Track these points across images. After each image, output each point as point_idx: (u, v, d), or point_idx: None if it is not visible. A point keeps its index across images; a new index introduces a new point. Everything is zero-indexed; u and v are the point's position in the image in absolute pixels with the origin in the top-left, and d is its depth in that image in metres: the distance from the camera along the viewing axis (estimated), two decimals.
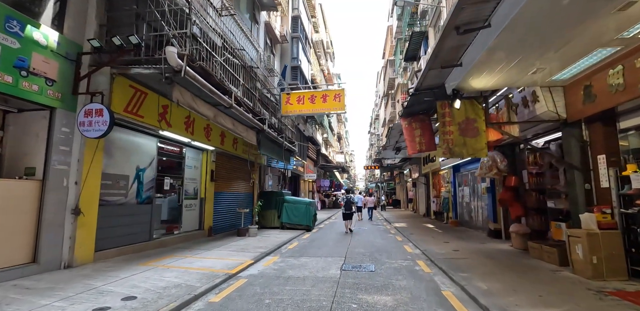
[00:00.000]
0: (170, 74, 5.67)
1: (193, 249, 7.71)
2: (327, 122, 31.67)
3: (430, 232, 11.79)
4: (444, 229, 12.54)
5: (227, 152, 11.20)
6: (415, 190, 24.29)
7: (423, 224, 15.15)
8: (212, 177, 10.54)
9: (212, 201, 10.56)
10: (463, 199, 13.69)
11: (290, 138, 14.22)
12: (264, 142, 10.99)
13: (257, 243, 8.94)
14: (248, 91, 10.16)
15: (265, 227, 12.76)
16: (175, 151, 9.14)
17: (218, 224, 10.90)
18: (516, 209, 7.96)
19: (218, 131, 10.13)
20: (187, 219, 9.51)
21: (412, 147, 9.23)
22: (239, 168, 12.43)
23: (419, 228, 13.43)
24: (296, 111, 12.32)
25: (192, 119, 8.69)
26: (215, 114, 7.53)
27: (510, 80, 5.58)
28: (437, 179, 18.74)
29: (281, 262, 6.67)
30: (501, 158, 8.19)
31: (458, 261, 6.49)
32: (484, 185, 11.28)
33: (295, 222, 12.41)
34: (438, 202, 16.88)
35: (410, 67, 19.01)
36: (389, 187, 41.09)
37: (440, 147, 6.34)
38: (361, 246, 8.73)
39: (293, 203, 12.61)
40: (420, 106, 8.81)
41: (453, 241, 9.26)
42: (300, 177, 24.76)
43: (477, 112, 6.17)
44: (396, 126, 11.12)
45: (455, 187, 14.51)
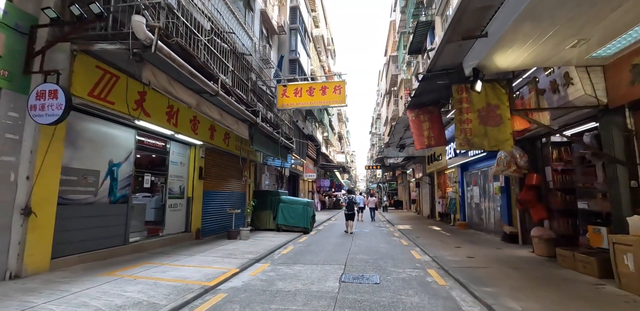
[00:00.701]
0: (138, 50, 4.79)
1: (174, 254, 6.83)
2: (328, 121, 30.79)
3: (437, 235, 10.88)
4: (452, 232, 11.62)
5: (218, 148, 10.32)
6: (419, 191, 23.37)
7: (428, 226, 14.23)
8: (201, 174, 9.66)
9: (200, 201, 9.68)
10: (472, 199, 12.77)
11: (287, 134, 13.34)
12: (258, 137, 10.10)
13: (248, 247, 8.05)
14: (240, 81, 9.28)
15: (259, 229, 11.88)
16: (158, 145, 8.26)
17: (207, 226, 10.02)
18: (538, 211, 7.05)
19: (207, 124, 9.26)
20: (172, 220, 8.63)
21: (420, 142, 8.34)
22: (231, 166, 11.55)
23: (425, 230, 12.52)
24: (293, 104, 11.43)
25: (176, 109, 7.82)
26: (199, 102, 6.66)
27: (541, 57, 4.68)
28: (442, 178, 17.83)
29: (271, 271, 5.78)
30: (521, 153, 7.29)
31: (476, 271, 5.58)
32: (496, 185, 10.37)
33: (292, 224, 11.52)
34: (444, 203, 15.97)
35: (415, 61, 18.13)
36: (390, 187, 40.15)
37: (457, 138, 5.44)
38: (363, 252, 7.83)
39: (289, 203, 11.71)
40: (429, 96, 7.92)
41: (465, 246, 8.35)
42: (300, 176, 23.87)
43: (500, 97, 5.27)
44: (401, 120, 10.23)
45: (463, 187, 13.60)
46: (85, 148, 6.01)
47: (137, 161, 7.40)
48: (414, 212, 25.34)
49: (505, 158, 7.35)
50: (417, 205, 24.54)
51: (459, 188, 13.81)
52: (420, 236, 10.62)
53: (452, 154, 13.15)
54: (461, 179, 13.65)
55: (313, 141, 26.26)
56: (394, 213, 25.06)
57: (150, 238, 7.76)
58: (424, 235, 10.83)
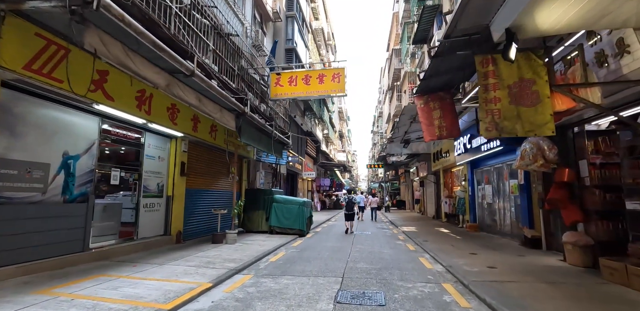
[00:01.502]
0: (78, 7, 3.75)
1: (142, 263, 5.79)
2: (328, 117, 29.74)
3: (447, 239, 9.81)
4: (463, 235, 10.54)
5: (203, 142, 9.28)
6: (423, 190, 22.29)
7: (435, 228, 13.16)
8: (183, 171, 8.62)
9: (182, 200, 8.64)
10: (483, 199, 11.69)
11: (282, 128, 12.30)
12: (247, 129, 9.05)
13: (232, 253, 7.01)
14: (226, 65, 8.24)
15: (251, 231, 10.84)
16: (130, 136, 7.22)
17: (190, 229, 8.98)
18: (571, 213, 5.98)
19: (189, 114, 8.22)
20: (147, 222, 7.59)
21: (430, 133, 7.27)
22: (219, 161, 10.51)
23: (432, 233, 11.45)
24: (287, 93, 10.39)
25: (149, 94, 6.78)
26: (170, 83, 5.61)
27: (592, 15, 3.61)
28: (449, 177, 16.74)
29: (252, 285, 4.73)
30: (549, 145, 6.21)
31: (504, 287, 4.52)
32: (513, 182, 9.29)
33: (286, 226, 10.47)
34: (451, 203, 14.89)
35: (419, 52, 17.04)
36: (392, 187, 39.05)
37: (482, 121, 4.37)
38: (365, 259, 6.77)
39: (283, 203, 10.67)
40: (440, 79, 6.85)
41: (481, 253, 7.28)
42: (298, 175, 22.83)
43: (536, 70, 4.20)
44: (407, 110, 9.17)
45: (473, 185, 12.52)
46: (28, 136, 4.97)
47: (102, 154, 6.37)
48: (417, 212, 24.26)
49: (530, 150, 6.28)
50: (421, 205, 23.46)
51: (469, 187, 12.73)
52: (428, 239, 9.55)
53: (462, 149, 12.08)
54: (471, 177, 12.57)
55: (312, 138, 25.21)
56: (397, 213, 23.99)
57: (120, 243, 6.72)
58: (432, 239, 9.76)
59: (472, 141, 10.95)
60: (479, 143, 10.25)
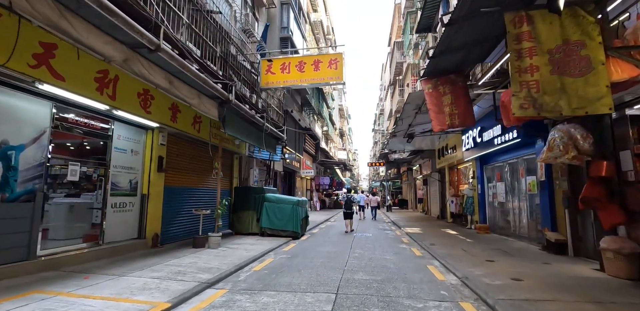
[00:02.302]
0: None
1: (96, 274, 4.84)
2: (327, 114, 28.78)
3: (456, 242, 8.84)
4: (473, 238, 9.57)
5: (185, 134, 8.33)
6: (427, 189, 21.30)
7: (441, 229, 12.19)
8: (161, 166, 7.68)
9: (160, 199, 7.70)
10: (495, 198, 10.71)
11: (275, 121, 11.34)
12: (233, 119, 8.11)
13: (211, 260, 6.06)
14: (206, 46, 7.29)
15: (240, 233, 9.90)
16: (94, 125, 6.27)
17: (170, 231, 8.04)
18: (611, 214, 5.00)
19: (166, 101, 7.27)
20: (116, 224, 6.66)
21: (439, 122, 6.31)
22: (205, 157, 9.55)
23: (439, 235, 10.48)
24: (280, 82, 9.43)
25: (114, 76, 5.83)
26: (128, 58, 4.65)
27: None
28: (455, 175, 15.76)
29: (222, 306, 3.77)
30: (583, 133, 5.24)
31: (540, 308, 3.55)
32: (531, 179, 8.31)
33: (279, 227, 9.52)
34: (458, 202, 13.91)
35: (424, 41, 16.05)
36: (394, 186, 38.07)
37: (515, 97, 3.42)
38: (364, 268, 5.81)
39: (275, 202, 9.71)
40: (453, 58, 5.88)
41: (499, 259, 6.32)
42: (296, 173, 21.89)
43: (586, 29, 3.24)
44: (412, 99, 8.19)
45: (483, 183, 11.54)
46: None
47: (57, 145, 5.44)
48: (420, 212, 23.28)
49: (561, 140, 5.29)
50: (424, 204, 22.48)
51: (478, 185, 11.75)
52: (435, 243, 8.58)
53: (471, 144, 11.09)
54: (480, 174, 11.59)
55: (311, 135, 24.24)
56: (399, 213, 23.02)
57: (80, 249, 5.78)
58: (439, 242, 8.79)
59: (483, 134, 9.96)
60: (492, 136, 9.27)
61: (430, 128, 11.96)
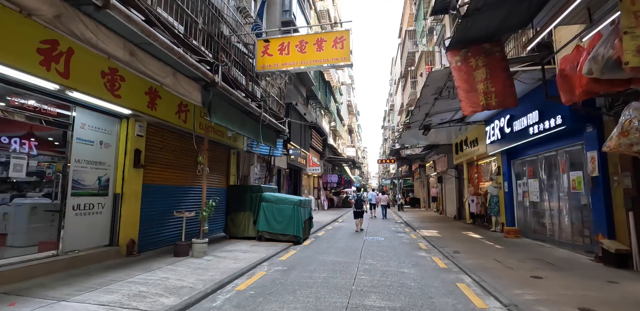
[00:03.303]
0: None
1: (31, 296, 3.75)
2: (335, 108, 27.50)
3: (484, 248, 7.55)
4: (502, 243, 8.25)
5: (168, 125, 7.22)
6: (441, 187, 19.91)
7: (462, 232, 10.88)
8: (138, 161, 6.59)
9: (137, 200, 6.62)
10: (526, 197, 9.35)
11: (275, 112, 10.16)
12: (221, 106, 6.95)
13: (187, 275, 4.92)
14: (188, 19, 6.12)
15: (236, 237, 8.78)
16: (47, 110, 5.17)
17: (150, 236, 6.96)
18: None
19: (141, 84, 6.16)
20: (80, 230, 5.59)
21: (471, 102, 5.04)
22: (194, 151, 8.45)
23: (461, 239, 9.18)
24: (278, 64, 8.22)
25: (67, 49, 4.72)
26: (61, 13, 3.51)
27: None
28: (474, 171, 14.38)
29: None
30: None
31: None
32: (576, 175, 6.95)
33: (278, 231, 8.36)
34: (479, 201, 12.55)
35: (439, 25, 14.65)
36: (405, 184, 36.59)
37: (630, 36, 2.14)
38: (377, 288, 4.59)
39: (274, 202, 8.55)
40: (489, 19, 4.60)
41: (547, 275, 5.02)
42: (302, 171, 20.75)
43: None
44: (433, 80, 6.88)
45: (511, 180, 10.16)
46: None
47: None
48: (434, 211, 21.90)
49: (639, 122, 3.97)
50: (438, 203, 21.09)
51: (504, 182, 10.38)
52: (459, 250, 7.31)
53: (496, 136, 9.73)
54: (507, 170, 10.21)
55: (318, 130, 23.03)
56: (411, 213, 21.67)
57: (25, 261, 4.71)
58: (464, 248, 7.51)
59: (513, 123, 8.61)
60: (525, 125, 7.91)
61: (449, 118, 10.65)
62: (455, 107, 9.34)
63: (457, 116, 10.44)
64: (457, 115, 10.39)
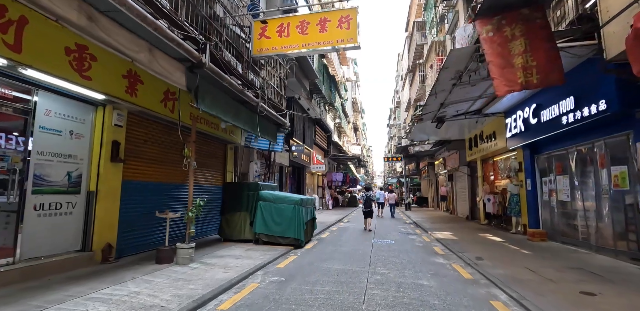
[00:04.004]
0: None
1: None
2: (340, 104, 26.63)
3: (510, 254, 6.65)
4: (528, 248, 7.34)
5: (153, 114, 6.43)
6: (452, 185, 18.94)
7: (479, 234, 9.96)
8: (117, 154, 5.80)
9: (116, 198, 5.83)
10: (553, 196, 8.40)
11: (275, 103, 9.32)
12: (210, 92, 6.11)
13: (162, 289, 4.10)
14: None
15: (231, 240, 7.96)
16: (1, 94, 4.38)
17: (132, 240, 6.17)
18: None
19: (118, 65, 5.36)
20: (44, 233, 4.81)
21: (507, 80, 4.18)
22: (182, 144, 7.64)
23: (480, 242, 8.28)
24: (277, 48, 7.37)
25: (18, 17, 3.93)
26: None
27: None
28: (489, 168, 13.43)
29: None
30: None
31: None
32: (618, 170, 6.01)
33: (276, 233, 7.52)
34: (496, 201, 11.60)
35: (452, 12, 13.68)
36: (412, 182, 35.58)
37: None
38: (393, 307, 3.73)
39: (273, 201, 7.71)
40: None
41: (602, 291, 4.12)
42: (306, 168, 19.90)
43: None
44: (454, 60, 5.94)
45: (534, 177, 9.22)
46: None
47: None
48: (444, 211, 20.94)
49: None
50: (448, 203, 20.13)
51: (527, 179, 9.44)
52: (482, 255, 6.41)
53: (519, 128, 8.79)
54: (530, 166, 9.26)
55: (322, 127, 22.18)
56: (420, 212, 20.73)
57: None
58: (487, 254, 6.61)
59: (541, 112, 7.67)
60: (556, 114, 6.98)
61: (465, 109, 9.71)
62: (474, 96, 8.42)
63: (474, 106, 9.51)
64: (475, 106, 9.46)
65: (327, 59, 21.35)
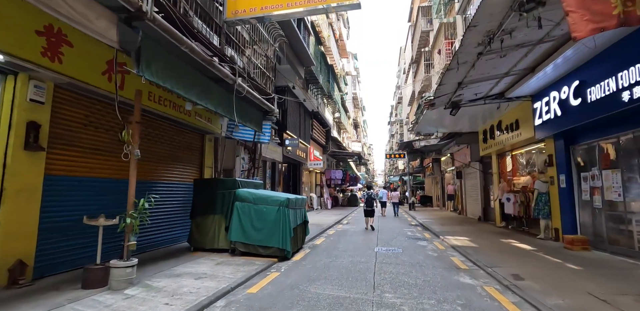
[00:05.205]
0: None
1: None
2: (339, 97, 25.08)
3: (554, 269, 5.15)
4: (575, 260, 5.83)
5: (92, 90, 4.93)
6: (460, 183, 17.43)
7: (500, 239, 8.46)
8: (35, 140, 4.32)
9: (33, 199, 4.34)
10: (597, 195, 6.89)
11: (260, 84, 7.80)
12: (161, 56, 4.59)
13: None
14: None
15: (203, 249, 6.48)
16: None
17: (57, 255, 4.68)
18: None
19: (27, 17, 3.87)
20: None
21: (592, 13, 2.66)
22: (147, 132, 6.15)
23: (507, 251, 6.79)
24: (255, 9, 5.84)
25: None
26: None
27: None
28: (507, 163, 11.92)
29: None
30: None
31: None
32: None
33: (257, 242, 6.02)
34: (517, 200, 10.07)
35: None
36: (415, 180, 34.04)
37: None
38: None
39: (253, 201, 6.21)
40: None
41: None
42: (302, 165, 18.41)
43: None
44: (486, 13, 4.44)
45: (570, 173, 7.70)
46: None
47: None
48: (452, 211, 19.44)
49: None
50: (457, 202, 18.62)
51: (560, 175, 7.92)
52: (519, 272, 4.92)
53: (553, 113, 7.29)
54: (565, 159, 7.75)
55: (320, 121, 20.67)
56: (425, 212, 19.24)
57: None
58: (525, 269, 5.11)
59: (586, 91, 6.15)
60: (613, 89, 5.46)
61: (486, 92, 8.18)
62: (500, 72, 6.91)
63: (496, 88, 8.00)
64: (498, 87, 7.94)
65: (324, 46, 19.83)
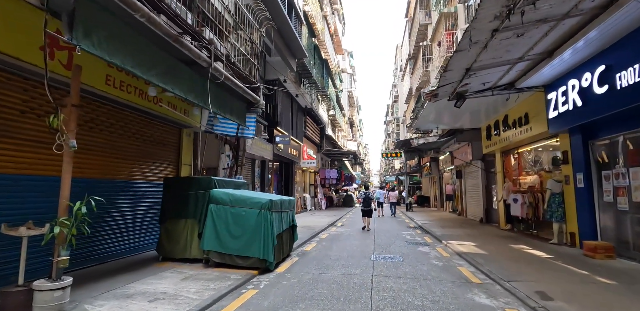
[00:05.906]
0: None
1: None
2: (335, 95, 24.24)
3: (582, 283, 4.34)
4: (603, 271, 5.03)
5: (26, 67, 4.02)
6: (460, 182, 16.66)
7: (509, 245, 7.67)
8: None
9: None
10: (622, 196, 6.10)
11: (243, 71, 6.92)
12: (103, 22, 3.68)
13: None
14: None
15: (173, 259, 5.58)
16: None
17: None
18: None
19: None
20: None
21: None
22: (86, 118, 5.24)
23: (521, 260, 5.97)
24: None
25: None
26: None
27: None
28: (511, 162, 11.15)
29: None
30: None
31: None
32: None
33: (235, 251, 5.14)
34: (525, 201, 9.28)
35: None
36: (412, 180, 33.29)
37: None
38: None
39: (229, 203, 5.32)
40: None
41: None
42: (295, 164, 17.53)
43: None
44: None
45: (589, 171, 6.91)
46: None
47: None
48: (451, 212, 18.69)
49: None
50: (456, 203, 17.85)
51: (577, 174, 7.14)
52: (546, 290, 4.09)
53: (571, 104, 6.50)
54: (583, 155, 6.96)
55: (314, 118, 19.81)
56: (423, 213, 18.46)
57: None
58: (550, 286, 4.29)
59: (614, 77, 5.35)
60: None
61: (494, 81, 7.37)
62: (513, 57, 6.10)
63: (507, 77, 7.18)
64: (508, 76, 7.13)
65: (318, 40, 18.98)
